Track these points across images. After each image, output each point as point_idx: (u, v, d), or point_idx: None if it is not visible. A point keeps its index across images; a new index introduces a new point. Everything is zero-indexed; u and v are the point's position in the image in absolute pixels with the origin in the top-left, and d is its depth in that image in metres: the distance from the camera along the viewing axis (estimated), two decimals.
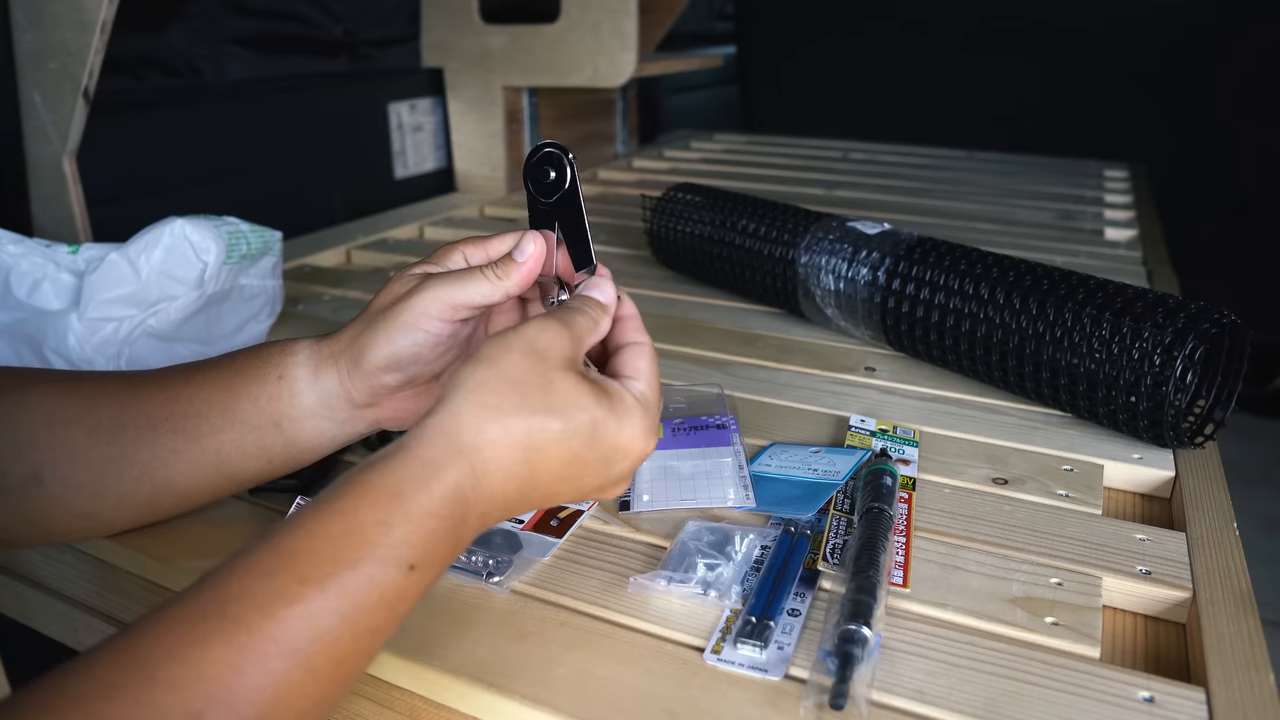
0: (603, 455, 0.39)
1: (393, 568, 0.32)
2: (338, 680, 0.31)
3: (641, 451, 0.40)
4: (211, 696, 0.27)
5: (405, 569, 0.32)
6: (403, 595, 0.33)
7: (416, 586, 0.33)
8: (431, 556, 0.34)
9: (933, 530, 0.50)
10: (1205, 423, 0.59)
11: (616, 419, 0.39)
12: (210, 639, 0.28)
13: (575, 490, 0.40)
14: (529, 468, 0.37)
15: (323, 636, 0.30)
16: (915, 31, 2.37)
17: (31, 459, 0.42)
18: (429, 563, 0.33)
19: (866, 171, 1.57)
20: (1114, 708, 0.37)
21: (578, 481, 0.39)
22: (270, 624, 0.29)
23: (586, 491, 0.40)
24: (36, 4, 0.78)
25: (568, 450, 0.37)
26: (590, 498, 0.42)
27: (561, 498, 0.40)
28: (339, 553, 0.31)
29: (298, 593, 0.30)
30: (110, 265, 0.62)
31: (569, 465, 0.38)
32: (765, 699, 0.38)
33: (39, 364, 0.62)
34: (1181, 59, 2.10)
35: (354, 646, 0.31)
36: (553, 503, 0.40)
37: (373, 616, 0.31)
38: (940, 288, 0.67)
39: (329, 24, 1.23)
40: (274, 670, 0.28)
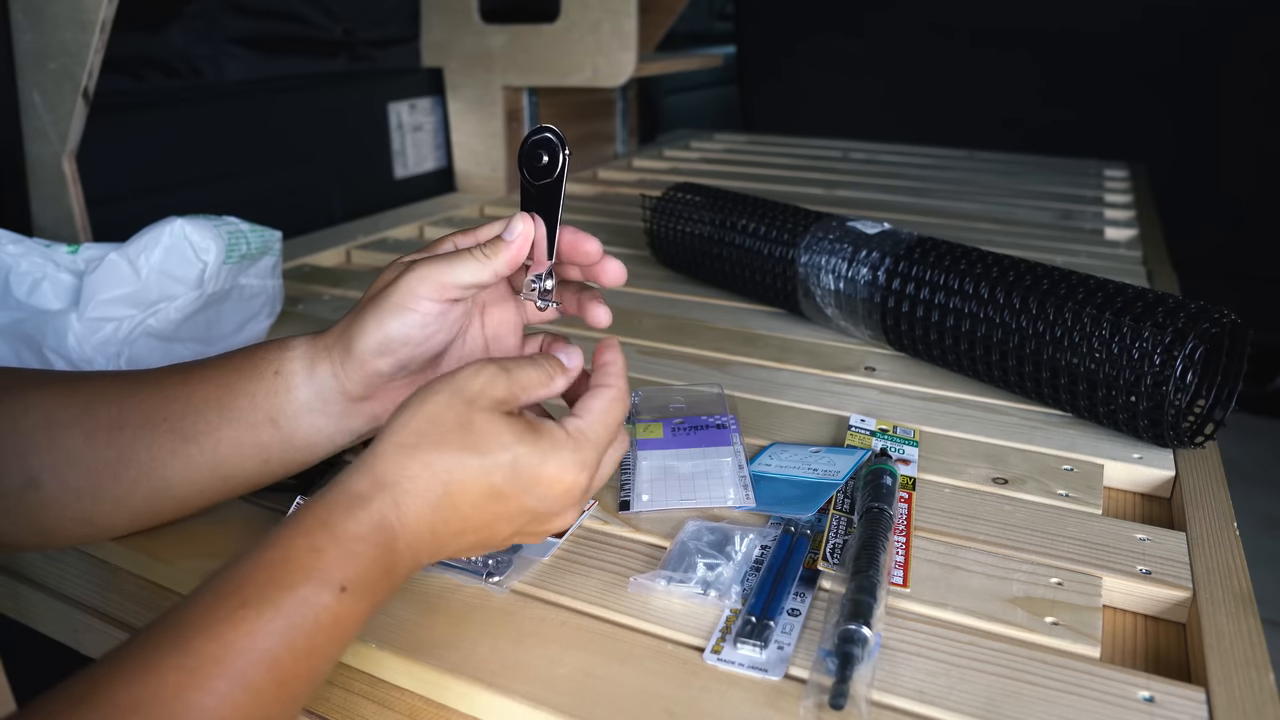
0: (524, 487, 0.39)
1: (324, 589, 0.33)
2: (282, 701, 0.32)
3: (572, 484, 0.40)
4: (161, 716, 0.29)
5: (337, 590, 0.34)
6: (337, 618, 0.34)
7: (352, 611, 0.34)
8: (362, 580, 0.35)
9: (933, 530, 0.50)
10: (1205, 422, 0.59)
11: (540, 453, 0.39)
12: (163, 663, 0.30)
13: (508, 525, 0.40)
14: (449, 499, 0.38)
15: (263, 657, 0.31)
16: (915, 31, 2.37)
17: (29, 463, 0.42)
18: (360, 586, 0.35)
19: (866, 171, 1.57)
20: (1114, 707, 0.37)
21: (504, 516, 0.39)
22: (214, 646, 0.31)
23: (520, 525, 0.40)
24: (36, 4, 0.78)
25: (487, 484, 0.38)
26: (530, 533, 0.42)
27: (497, 534, 0.40)
28: (275, 576, 0.33)
29: (240, 616, 0.32)
30: (110, 265, 0.62)
31: (490, 499, 0.38)
32: (765, 699, 0.38)
33: (39, 364, 0.62)
34: (1184, 60, 2.10)
35: (295, 669, 0.32)
36: (489, 543, 0.41)
37: (310, 638, 0.33)
38: (940, 287, 0.67)
39: (328, 24, 1.23)
40: (218, 690, 0.30)
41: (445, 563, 0.46)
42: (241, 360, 0.46)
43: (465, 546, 0.40)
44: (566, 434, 0.40)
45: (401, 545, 0.37)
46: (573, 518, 0.42)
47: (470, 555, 0.42)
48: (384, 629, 0.42)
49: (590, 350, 0.46)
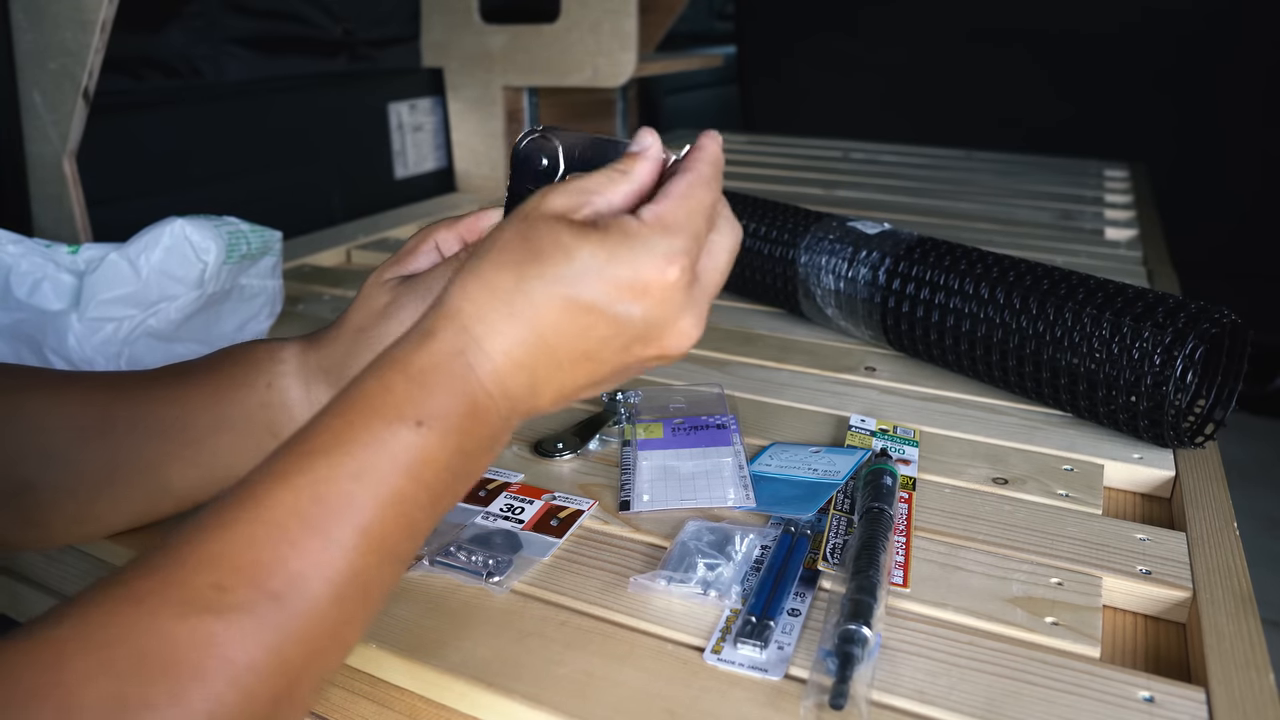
0: (606, 293, 0.33)
1: (398, 425, 0.31)
2: (366, 554, 0.30)
3: (664, 280, 0.34)
4: (235, 569, 0.28)
5: (413, 425, 0.31)
6: (420, 457, 0.31)
7: (438, 449, 0.31)
8: (442, 414, 0.32)
9: (933, 530, 0.50)
10: (1205, 422, 0.59)
11: (609, 249, 0.33)
12: (237, 520, 0.29)
13: (612, 345, 0.35)
14: (524, 322, 0.33)
15: (336, 502, 0.29)
16: (915, 31, 2.37)
17: (24, 464, 0.42)
18: (441, 421, 0.32)
19: (866, 171, 1.57)
20: (1114, 708, 0.37)
21: (599, 335, 0.34)
22: (286, 494, 0.29)
23: (628, 344, 0.35)
24: (36, 4, 0.78)
25: (560, 298, 0.33)
26: (649, 355, 0.36)
27: (605, 361, 0.35)
28: (346, 419, 0.31)
29: (309, 463, 0.30)
30: (110, 265, 0.62)
31: (571, 315, 0.33)
32: (765, 699, 0.38)
33: (39, 364, 0.62)
34: (1184, 59, 2.10)
35: (378, 515, 0.30)
36: (603, 373, 0.35)
37: (388, 480, 0.30)
38: (940, 288, 0.67)
39: (328, 24, 1.23)
40: (293, 540, 0.28)
41: (445, 563, 0.46)
42: (231, 368, 0.45)
43: (575, 381, 0.35)
44: (640, 222, 0.35)
45: (485, 378, 0.33)
46: (692, 329, 0.36)
47: (588, 392, 0.37)
48: (384, 629, 0.42)
49: None
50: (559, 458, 0.57)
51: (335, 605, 0.29)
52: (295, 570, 0.28)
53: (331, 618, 0.29)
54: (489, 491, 0.53)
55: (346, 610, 0.30)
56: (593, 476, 0.56)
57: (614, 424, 0.61)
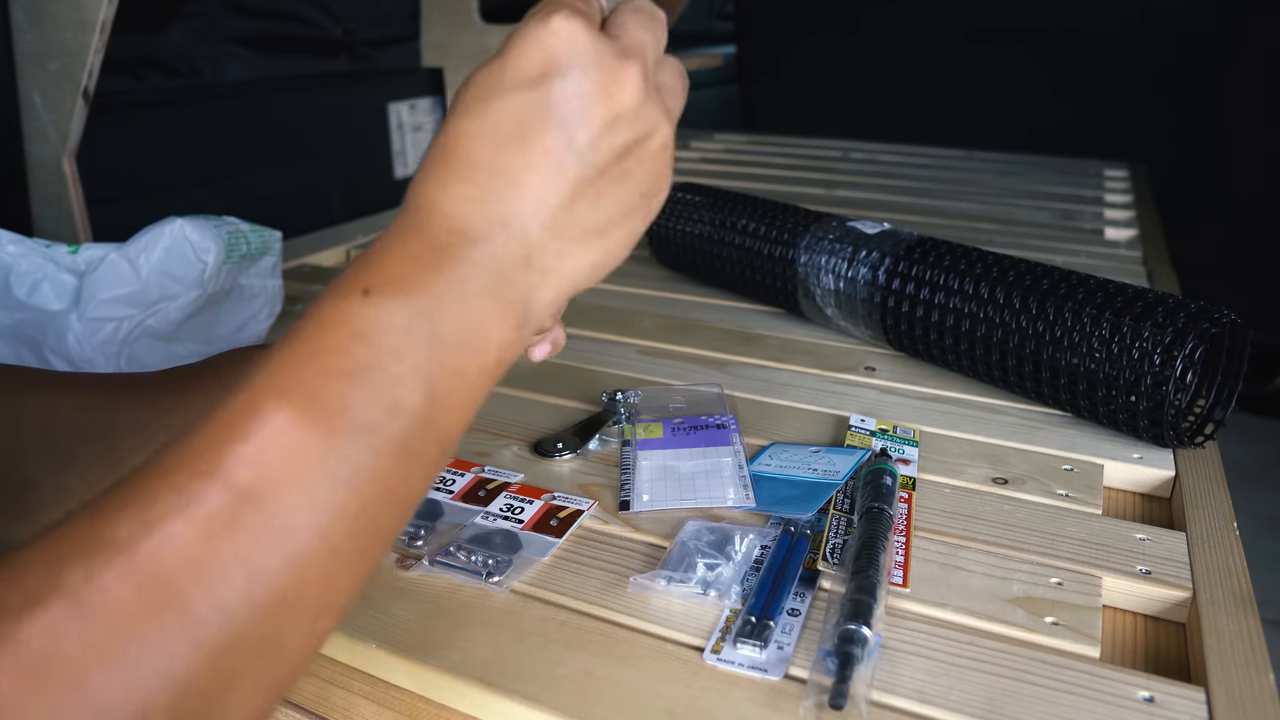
0: (499, 70, 0.29)
1: (343, 295, 0.27)
2: (341, 433, 0.26)
3: (547, 26, 0.29)
4: (210, 460, 0.25)
5: (359, 294, 0.27)
6: (372, 325, 0.27)
7: (391, 319, 0.27)
8: (390, 275, 0.28)
9: (933, 530, 0.50)
10: (1205, 422, 0.59)
11: (518, 33, 0.29)
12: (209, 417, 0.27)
13: (539, 131, 0.29)
14: (440, 143, 0.30)
15: (294, 383, 0.26)
16: (915, 31, 2.37)
17: (25, 464, 0.42)
18: (390, 283, 0.28)
19: (866, 171, 1.57)
20: (1114, 708, 0.37)
21: (553, 154, 0.29)
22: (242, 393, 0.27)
23: (558, 125, 0.29)
24: (36, 4, 0.78)
25: (462, 101, 0.29)
26: (625, 182, 0.31)
27: (548, 155, 0.29)
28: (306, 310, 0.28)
29: (267, 354, 0.27)
30: (110, 265, 0.62)
31: (474, 109, 0.29)
32: (765, 699, 0.38)
33: (39, 364, 0.62)
34: (1184, 59, 2.10)
35: (341, 388, 0.26)
36: (564, 170, 0.30)
37: (344, 355, 0.26)
38: (940, 287, 0.67)
39: (329, 24, 1.23)
40: (252, 435, 0.25)
41: (445, 563, 0.46)
42: (234, 371, 0.45)
43: (551, 188, 0.30)
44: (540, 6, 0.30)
45: (432, 220, 0.29)
46: (630, 79, 0.30)
47: (558, 242, 0.30)
48: (384, 629, 0.42)
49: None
50: (559, 458, 0.57)
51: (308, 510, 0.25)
52: (260, 447, 0.25)
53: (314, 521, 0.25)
54: (489, 491, 0.53)
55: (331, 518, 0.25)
56: (592, 476, 0.56)
57: (614, 424, 0.61)
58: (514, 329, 0.30)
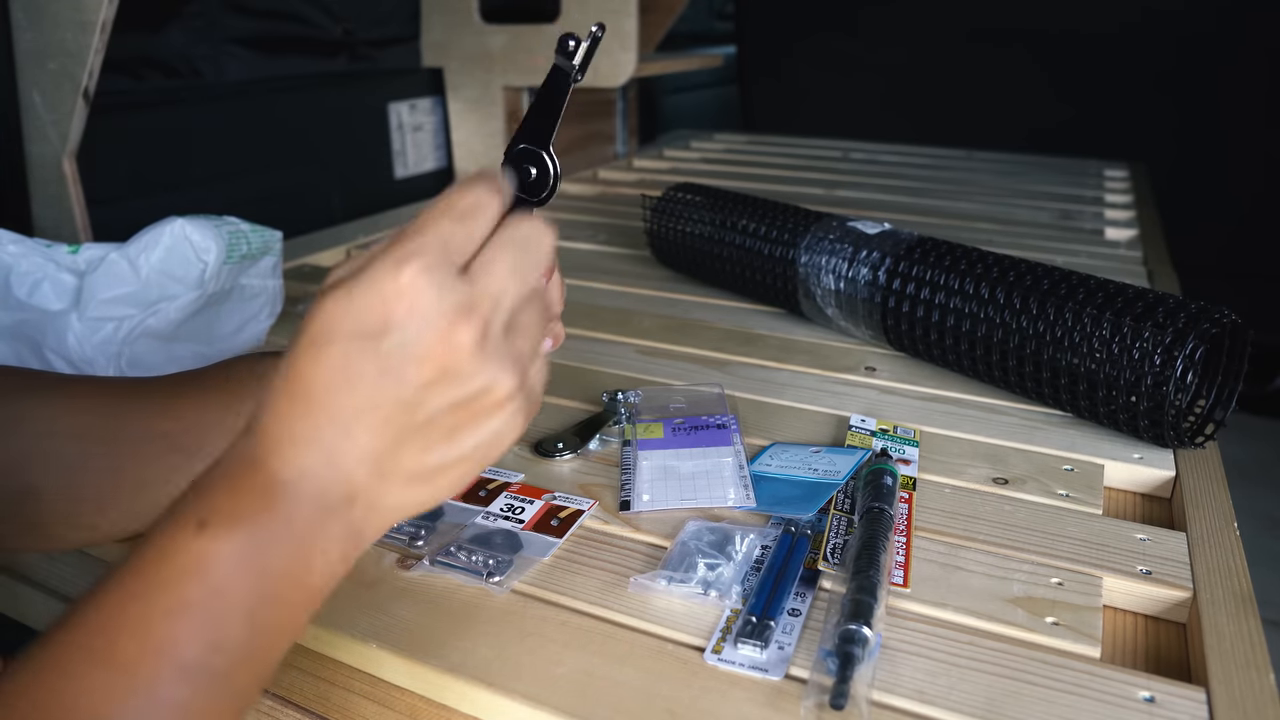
0: (346, 324, 0.30)
1: (180, 526, 0.29)
2: (173, 671, 0.27)
3: (397, 283, 0.29)
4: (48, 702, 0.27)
5: (193, 527, 0.29)
6: (200, 558, 0.28)
7: (221, 549, 0.29)
8: (223, 510, 0.29)
9: (933, 530, 0.50)
10: (1205, 422, 0.59)
11: (344, 288, 0.30)
12: (54, 638, 0.28)
13: (379, 387, 0.30)
14: (288, 388, 0.30)
15: (125, 618, 0.28)
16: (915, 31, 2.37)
17: (29, 471, 0.42)
18: (222, 517, 0.29)
19: (867, 171, 1.57)
20: (1114, 708, 0.37)
21: (354, 371, 0.30)
22: (76, 629, 0.28)
23: (399, 381, 0.30)
24: (36, 4, 0.78)
25: (307, 347, 0.30)
26: (427, 385, 0.30)
27: (389, 410, 0.30)
28: (142, 541, 0.29)
29: (107, 581, 0.28)
30: (110, 265, 0.62)
31: (320, 359, 0.30)
32: (765, 699, 0.38)
33: (39, 364, 0.62)
34: (1184, 59, 2.10)
35: (167, 628, 0.28)
36: (407, 427, 0.30)
37: (174, 589, 0.28)
38: (940, 287, 0.67)
39: (329, 24, 1.23)
40: (85, 674, 0.27)
41: (445, 563, 0.46)
42: (241, 378, 0.45)
43: (386, 440, 0.30)
44: (372, 251, 0.31)
45: (268, 456, 0.30)
46: (465, 331, 0.30)
47: (384, 485, 0.31)
48: (384, 629, 0.42)
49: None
50: (559, 458, 0.57)
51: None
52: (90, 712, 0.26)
53: None
54: (489, 491, 0.53)
55: None
56: (593, 476, 0.56)
57: (614, 424, 0.61)
58: (338, 561, 0.31)
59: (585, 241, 1.12)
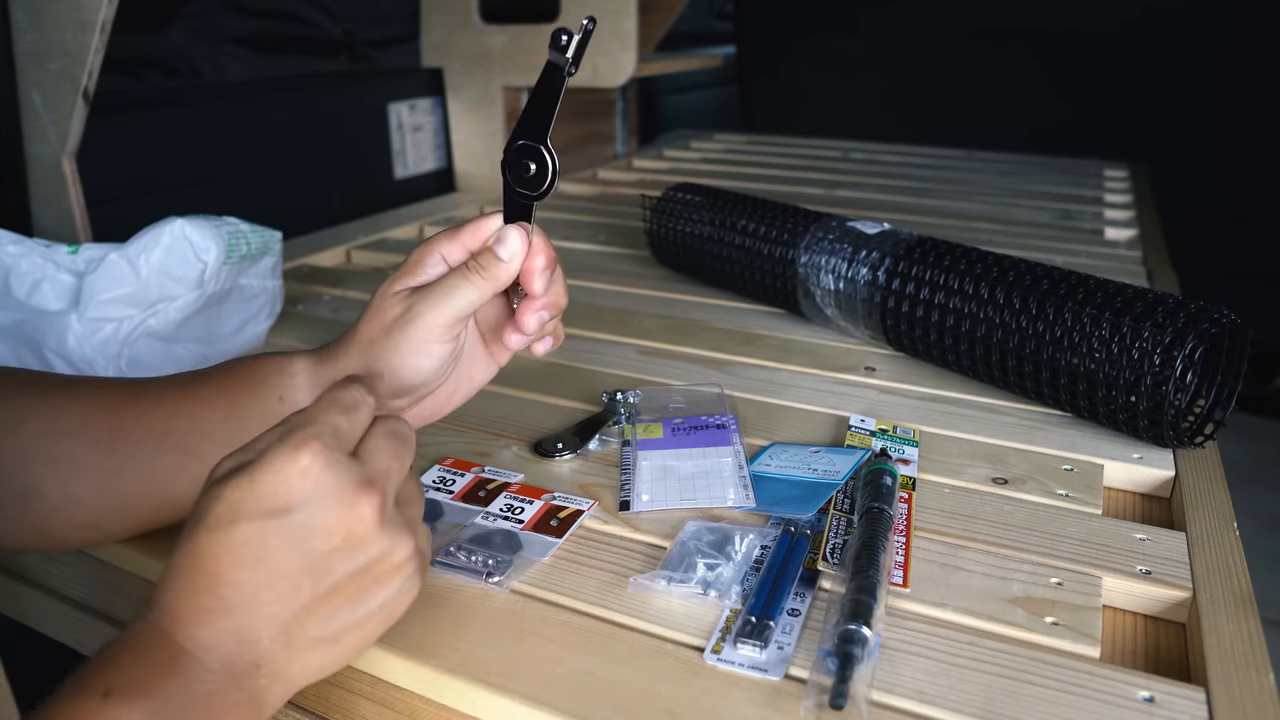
0: (240, 502, 0.32)
1: (86, 696, 0.30)
2: None
3: (292, 464, 0.32)
4: None
5: (99, 696, 0.30)
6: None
7: (122, 714, 0.30)
8: (130, 680, 0.30)
9: (933, 530, 0.50)
10: (1205, 422, 0.59)
11: (243, 471, 0.33)
12: None
13: (277, 559, 0.32)
14: (191, 566, 0.32)
15: None
16: (915, 30, 2.37)
17: (31, 470, 0.42)
18: (129, 687, 0.30)
19: (866, 171, 1.57)
20: (1114, 708, 0.37)
21: (251, 548, 0.32)
22: None
23: (295, 553, 0.32)
24: (36, 4, 0.78)
25: (207, 526, 0.32)
26: (323, 554, 0.33)
27: (288, 580, 0.32)
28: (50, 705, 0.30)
29: None
30: (110, 265, 0.62)
31: (218, 536, 0.32)
32: (765, 699, 0.38)
33: (39, 365, 0.62)
34: (1184, 59, 2.10)
35: None
36: (301, 595, 0.33)
37: None
38: (940, 287, 0.67)
39: (328, 24, 1.23)
40: None
41: (445, 563, 0.46)
42: (242, 382, 0.45)
43: (289, 610, 0.32)
44: (274, 434, 0.34)
45: (174, 630, 0.32)
46: (356, 498, 0.33)
47: (289, 651, 0.33)
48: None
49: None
50: (559, 458, 0.57)
51: None
52: None
53: None
54: (489, 492, 0.53)
55: None
56: (593, 476, 0.56)
57: (614, 424, 0.61)
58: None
59: (585, 241, 1.12)
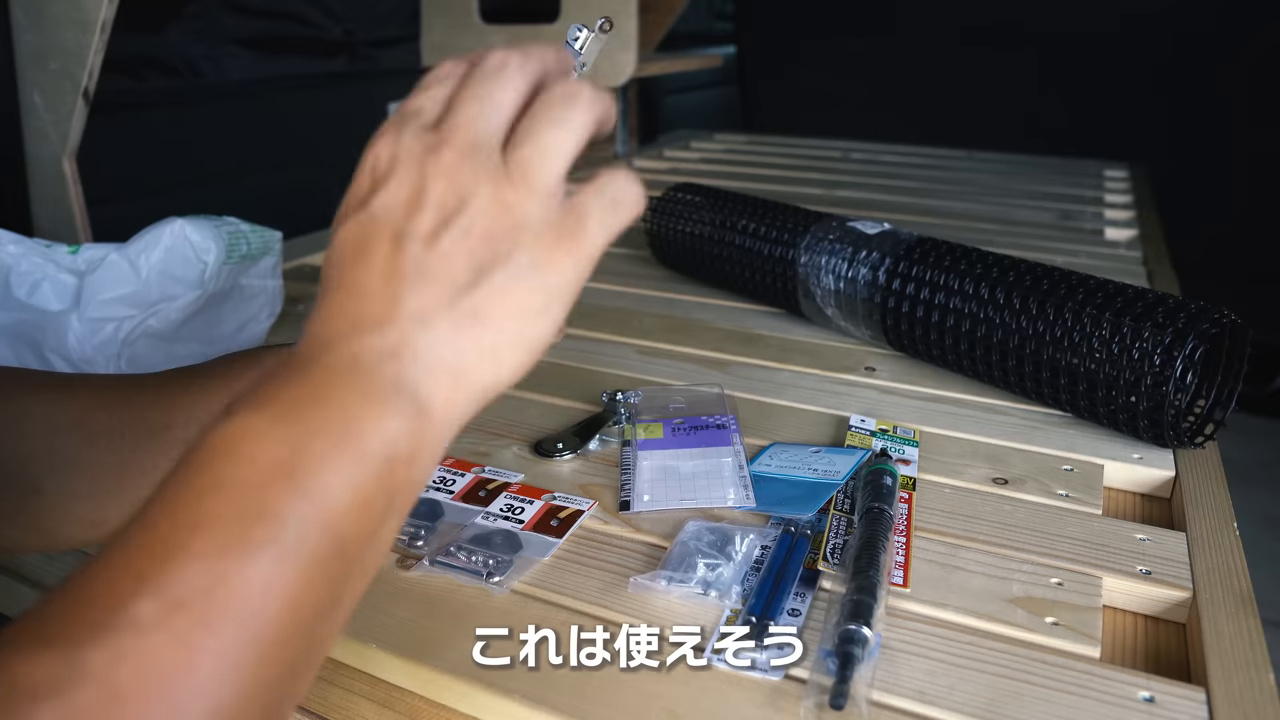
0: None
1: (205, 428, 0.28)
2: (213, 550, 0.25)
3: (373, 143, 0.32)
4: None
5: (223, 414, 0.28)
6: (229, 437, 0.27)
7: (250, 424, 0.27)
8: (251, 396, 0.28)
9: (933, 530, 0.50)
10: (1205, 422, 0.59)
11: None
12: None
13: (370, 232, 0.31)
14: (322, 285, 0.31)
15: (165, 508, 0.26)
16: (915, 31, 2.37)
17: (31, 467, 0.42)
18: (249, 400, 0.28)
19: (867, 171, 1.57)
20: (1114, 708, 0.37)
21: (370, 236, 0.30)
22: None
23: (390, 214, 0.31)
24: (36, 4, 0.78)
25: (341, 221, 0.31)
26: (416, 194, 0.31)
27: (386, 249, 0.30)
28: None
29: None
30: (110, 265, 0.62)
31: (336, 239, 0.31)
32: (765, 699, 0.38)
33: (39, 365, 0.62)
34: (1184, 59, 2.10)
35: (201, 505, 0.26)
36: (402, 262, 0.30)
37: (205, 471, 0.26)
38: (940, 288, 0.67)
39: (329, 24, 1.23)
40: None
41: (445, 563, 0.46)
42: (244, 372, 0.45)
43: (389, 313, 0.30)
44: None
45: (305, 343, 0.30)
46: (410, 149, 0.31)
47: (421, 329, 0.30)
48: (384, 629, 0.42)
49: None
50: (559, 458, 0.57)
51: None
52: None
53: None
54: (489, 492, 0.53)
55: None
56: (593, 476, 0.56)
57: (614, 424, 0.61)
58: (394, 416, 0.29)
59: None
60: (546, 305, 0.32)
